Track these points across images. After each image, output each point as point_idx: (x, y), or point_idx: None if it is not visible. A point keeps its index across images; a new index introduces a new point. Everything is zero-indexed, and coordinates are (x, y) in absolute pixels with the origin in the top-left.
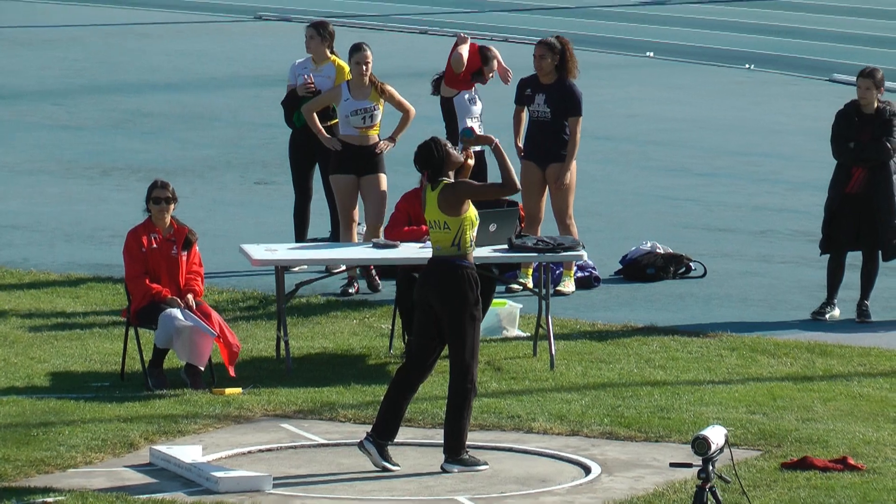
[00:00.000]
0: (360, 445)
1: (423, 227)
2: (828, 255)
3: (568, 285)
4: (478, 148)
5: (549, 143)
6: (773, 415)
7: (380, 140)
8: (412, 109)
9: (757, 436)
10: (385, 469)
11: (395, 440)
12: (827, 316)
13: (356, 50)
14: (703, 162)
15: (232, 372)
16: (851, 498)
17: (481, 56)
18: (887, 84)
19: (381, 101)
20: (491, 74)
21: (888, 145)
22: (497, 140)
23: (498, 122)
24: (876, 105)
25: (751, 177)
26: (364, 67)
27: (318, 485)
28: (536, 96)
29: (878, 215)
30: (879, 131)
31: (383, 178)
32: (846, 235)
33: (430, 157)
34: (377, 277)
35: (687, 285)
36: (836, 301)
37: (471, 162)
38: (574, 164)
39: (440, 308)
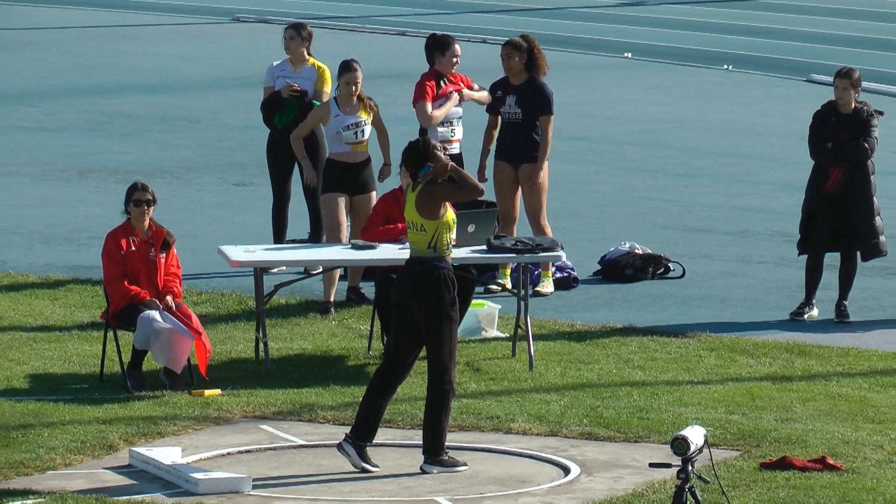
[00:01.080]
0: (339, 447)
1: (400, 226)
2: (806, 256)
3: (546, 286)
4: (456, 150)
5: (521, 143)
6: (752, 415)
7: (370, 159)
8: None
9: (736, 436)
10: (364, 470)
11: (375, 441)
12: (805, 316)
13: (346, 69)
14: (682, 162)
15: (204, 374)
16: (830, 498)
17: (439, 43)
18: (865, 84)
19: (370, 115)
20: (455, 60)
21: (865, 145)
22: (449, 162)
23: (480, 122)
24: (853, 105)
25: (729, 177)
26: (354, 87)
27: (297, 486)
28: (507, 97)
29: (856, 216)
30: (857, 131)
31: (374, 196)
32: (824, 236)
33: (416, 156)
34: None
35: (666, 286)
36: (814, 301)
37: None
38: (546, 164)
39: (416, 309)
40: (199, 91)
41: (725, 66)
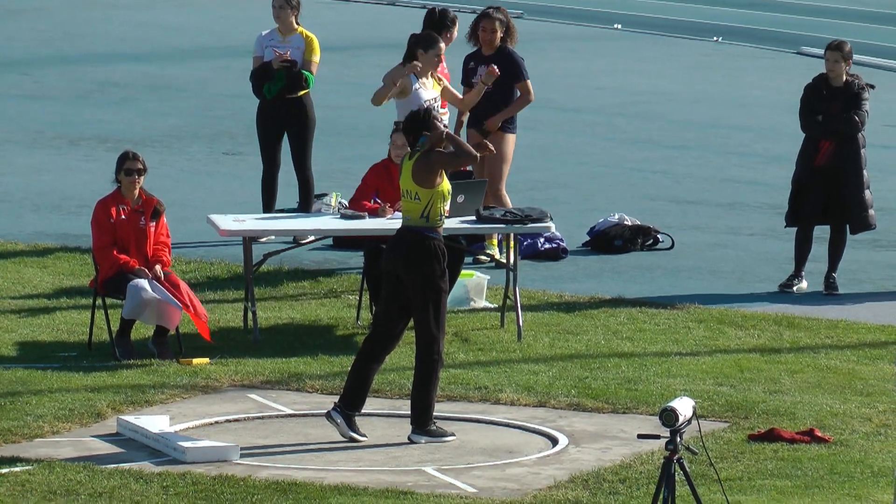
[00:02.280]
0: (328, 415)
1: (388, 204)
2: (795, 228)
3: (492, 252)
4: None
5: (492, 112)
6: (741, 387)
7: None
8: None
9: (724, 408)
10: (352, 440)
11: (363, 411)
12: (794, 288)
13: (434, 43)
14: (672, 134)
15: (209, 338)
16: (818, 470)
17: (441, 19)
18: (856, 58)
19: (440, 88)
20: (438, 59)
21: (856, 118)
22: (446, 129)
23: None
24: (845, 78)
25: (719, 149)
26: (439, 61)
27: (285, 455)
28: (479, 68)
29: (846, 189)
30: (848, 104)
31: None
32: (813, 208)
33: (415, 125)
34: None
35: (655, 257)
36: (803, 273)
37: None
38: (513, 137)
39: (406, 278)
40: (189, 60)
41: (715, 38)
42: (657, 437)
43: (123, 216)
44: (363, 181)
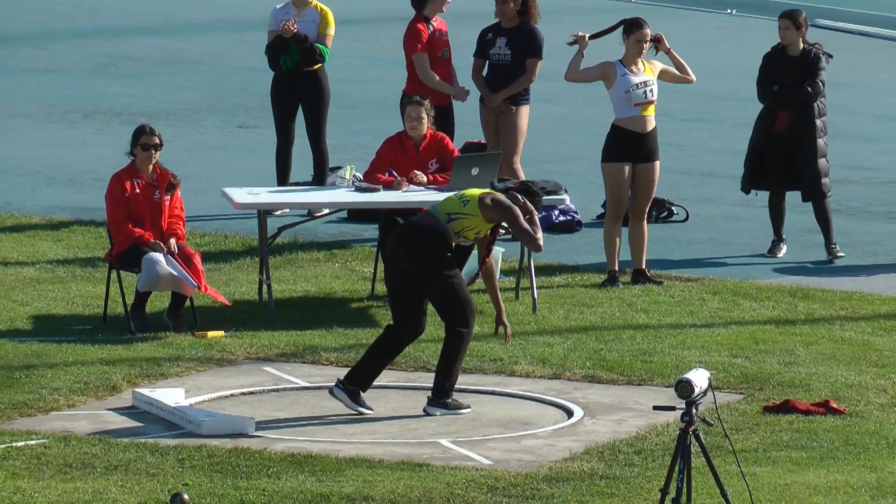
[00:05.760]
0: (331, 392)
1: (403, 175)
2: (771, 198)
3: None
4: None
5: (506, 85)
6: (756, 358)
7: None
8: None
9: (739, 379)
10: (359, 412)
11: (377, 383)
12: (779, 253)
13: (637, 27)
14: (686, 107)
15: (227, 302)
16: (833, 441)
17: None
18: (868, 29)
19: (654, 74)
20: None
21: (809, 89)
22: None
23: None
24: (801, 47)
25: (733, 121)
26: (644, 46)
27: (300, 427)
28: (497, 39)
29: (801, 157)
30: (804, 74)
31: (658, 165)
32: (777, 172)
33: (525, 192)
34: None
35: (669, 229)
36: (784, 237)
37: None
38: (527, 109)
39: (413, 272)
40: (203, 33)
41: (729, 11)
42: (673, 408)
43: (138, 190)
44: (377, 154)
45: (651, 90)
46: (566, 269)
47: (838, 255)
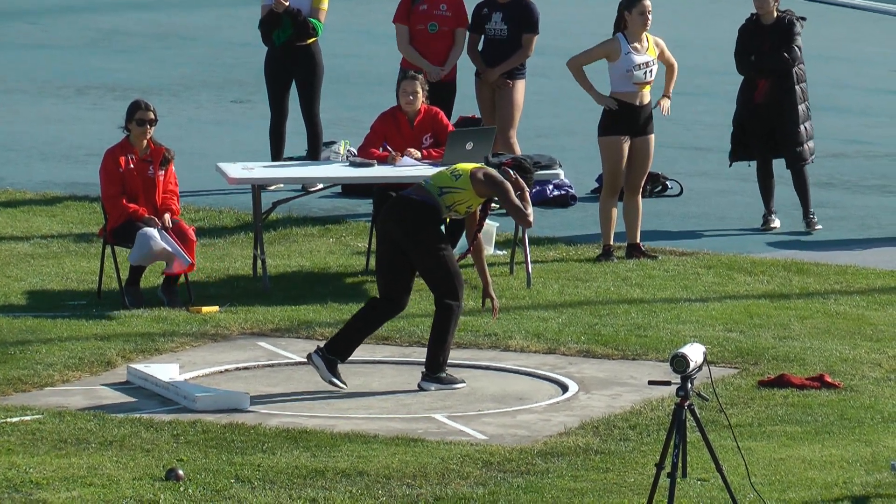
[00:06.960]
0: (309, 357)
1: (398, 150)
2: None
3: None
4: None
5: (502, 60)
6: (750, 333)
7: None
8: (676, 64)
9: (734, 354)
10: (333, 385)
11: (373, 358)
12: (772, 225)
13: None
14: (682, 80)
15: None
16: (828, 415)
17: None
18: None
19: (657, 53)
20: None
21: (786, 55)
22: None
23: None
24: (775, 15)
25: (729, 96)
26: (649, 17)
27: (295, 402)
28: (493, 14)
29: (783, 124)
30: (780, 41)
31: (653, 139)
32: (760, 142)
33: (518, 167)
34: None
35: (664, 203)
36: (774, 210)
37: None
38: (523, 83)
39: (404, 244)
40: (197, 8)
41: None
42: (668, 383)
43: (132, 165)
44: (372, 129)
45: (651, 70)
46: (560, 243)
47: (816, 226)
